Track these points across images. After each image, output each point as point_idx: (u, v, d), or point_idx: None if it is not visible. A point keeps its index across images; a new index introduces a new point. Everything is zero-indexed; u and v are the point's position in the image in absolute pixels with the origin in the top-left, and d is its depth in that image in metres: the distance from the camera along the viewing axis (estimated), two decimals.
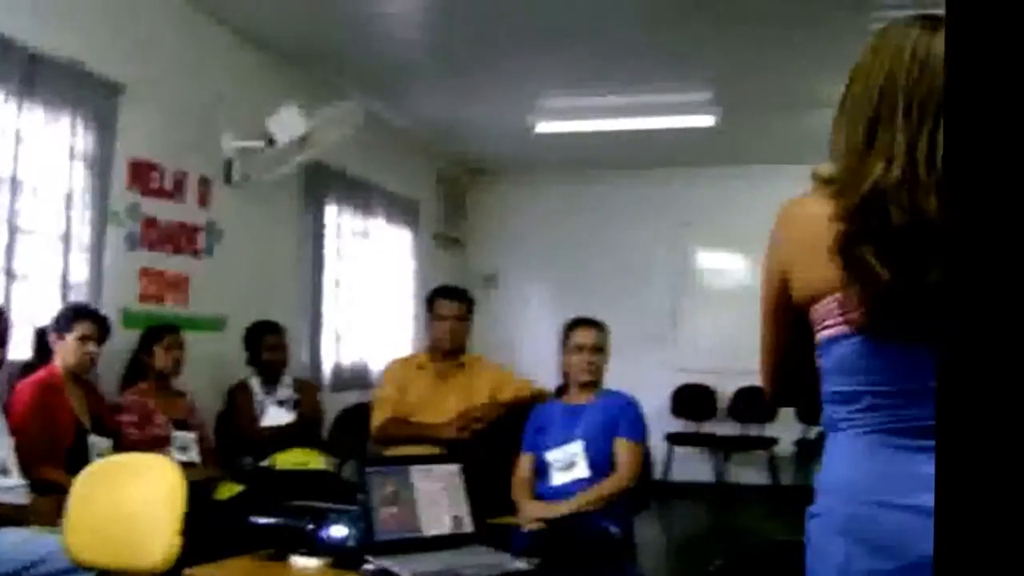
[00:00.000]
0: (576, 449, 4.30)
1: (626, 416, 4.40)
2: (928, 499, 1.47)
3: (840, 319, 1.64)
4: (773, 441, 9.36)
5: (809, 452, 9.14)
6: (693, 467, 9.75)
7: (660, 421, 9.37)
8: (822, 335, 1.69)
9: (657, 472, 9.00)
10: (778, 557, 2.65)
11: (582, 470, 4.28)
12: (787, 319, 1.76)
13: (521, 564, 2.94)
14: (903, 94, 1.63)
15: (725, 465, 9.86)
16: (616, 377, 4.67)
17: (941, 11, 1.63)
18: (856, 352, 1.63)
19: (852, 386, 1.66)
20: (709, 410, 9.83)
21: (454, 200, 10.04)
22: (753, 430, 9.56)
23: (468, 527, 3.12)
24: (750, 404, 9.38)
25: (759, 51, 6.44)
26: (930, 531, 1.45)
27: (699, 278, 10.15)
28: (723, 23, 5.96)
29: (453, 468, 3.24)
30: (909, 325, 1.56)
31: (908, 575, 1.53)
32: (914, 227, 1.54)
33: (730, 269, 9.95)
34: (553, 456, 4.33)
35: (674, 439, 9.58)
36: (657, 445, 8.97)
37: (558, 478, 4.30)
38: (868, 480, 1.62)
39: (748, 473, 9.83)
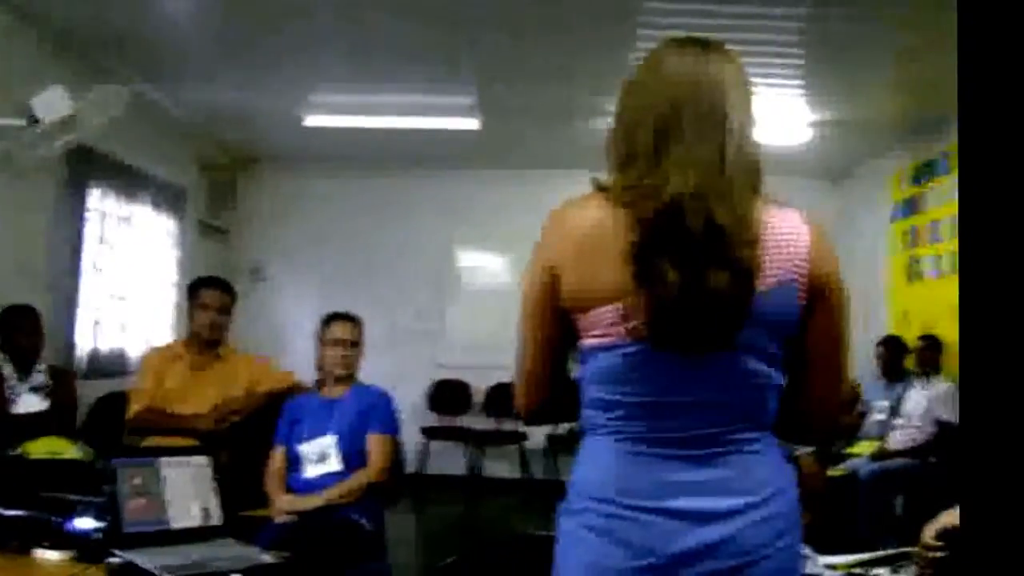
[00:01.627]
0: (329, 442, 4.37)
1: (378, 410, 4.50)
2: (677, 503, 1.69)
3: (618, 328, 1.68)
4: (524, 436, 9.62)
5: (559, 447, 9.51)
6: (448, 460, 9.92)
7: (417, 415, 9.57)
8: (590, 342, 1.74)
9: (412, 465, 9.18)
10: (514, 551, 2.83)
11: (335, 463, 4.36)
12: (556, 322, 1.77)
13: (269, 557, 2.93)
14: (690, 109, 1.72)
15: (478, 459, 10.08)
16: (376, 371, 4.79)
17: (708, 34, 1.85)
18: (627, 362, 1.69)
19: (615, 395, 1.72)
20: (464, 405, 10.04)
21: (222, 189, 9.89)
22: (506, 425, 9.79)
23: (217, 520, 3.10)
24: (504, 399, 9.59)
25: (523, 60, 6.65)
26: (678, 532, 1.69)
27: (461, 277, 10.33)
28: (489, 31, 6.12)
29: (203, 460, 3.21)
30: (688, 336, 1.64)
31: (661, 572, 1.68)
32: (708, 235, 1.63)
33: (490, 269, 10.19)
34: (306, 449, 4.38)
35: (430, 433, 9.74)
36: (413, 439, 9.17)
37: (311, 471, 4.36)
38: (624, 484, 1.71)
39: (500, 467, 10.08)
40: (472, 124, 8.05)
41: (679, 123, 1.71)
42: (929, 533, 2.15)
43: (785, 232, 1.71)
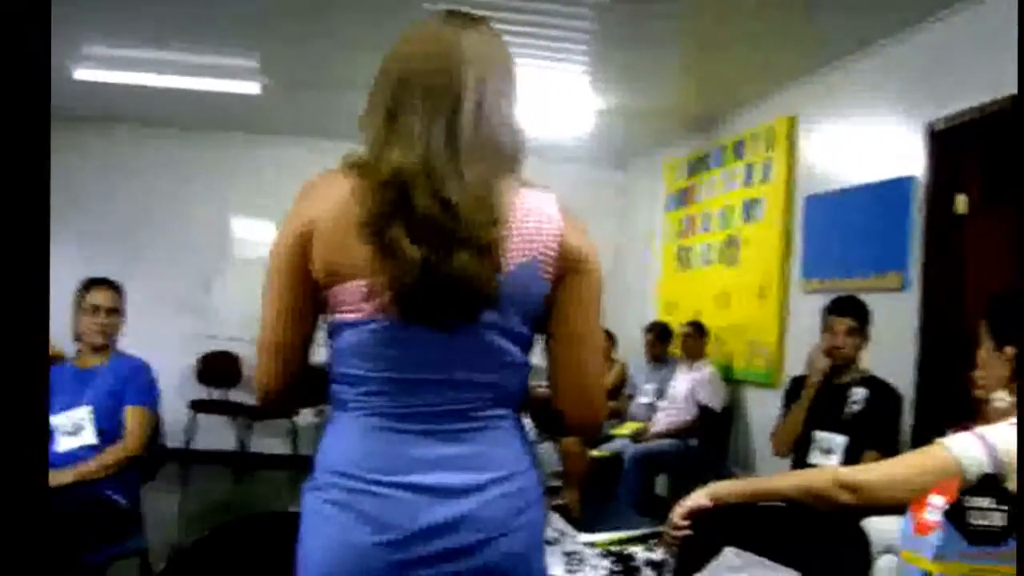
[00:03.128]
0: (83, 414, 4.23)
1: (137, 381, 4.38)
2: (422, 478, 1.68)
3: (364, 304, 1.67)
4: (295, 411, 9.45)
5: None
6: (216, 435, 9.69)
7: (185, 388, 9.32)
8: (340, 317, 1.72)
9: (179, 440, 8.93)
10: (267, 527, 2.75)
11: (89, 436, 4.22)
12: (307, 293, 1.73)
13: None
14: (422, 85, 1.69)
15: (248, 433, 9.88)
16: (142, 341, 4.63)
17: (493, 15, 1.83)
18: (375, 338, 1.68)
19: (362, 370, 1.71)
20: (234, 378, 9.76)
21: None
22: None
23: None
24: None
25: (306, 26, 6.48)
26: (421, 508, 1.67)
27: (234, 245, 10.04)
28: None
29: None
30: (431, 312, 1.64)
31: (403, 547, 1.67)
32: (442, 212, 1.62)
33: (266, 239, 9.87)
34: (59, 421, 4.21)
35: (198, 406, 9.49)
36: (181, 412, 8.91)
37: (63, 444, 4.20)
38: (369, 459, 1.70)
39: (270, 442, 9.90)
40: (253, 88, 7.84)
41: (413, 96, 1.70)
42: (678, 512, 2.22)
43: (534, 213, 1.71)
